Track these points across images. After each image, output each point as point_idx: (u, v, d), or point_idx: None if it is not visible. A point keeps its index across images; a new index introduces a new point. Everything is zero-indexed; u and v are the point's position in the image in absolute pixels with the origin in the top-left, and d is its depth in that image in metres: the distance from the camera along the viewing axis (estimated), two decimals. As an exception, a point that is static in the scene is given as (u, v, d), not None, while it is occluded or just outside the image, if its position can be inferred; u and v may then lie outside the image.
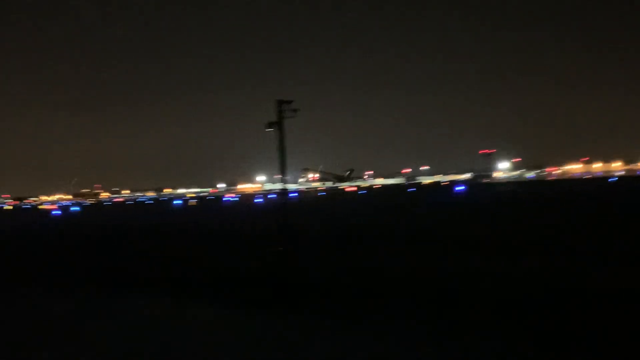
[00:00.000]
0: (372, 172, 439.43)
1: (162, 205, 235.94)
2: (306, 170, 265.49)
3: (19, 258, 54.39)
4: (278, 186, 34.25)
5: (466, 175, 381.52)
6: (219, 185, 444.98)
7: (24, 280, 39.21)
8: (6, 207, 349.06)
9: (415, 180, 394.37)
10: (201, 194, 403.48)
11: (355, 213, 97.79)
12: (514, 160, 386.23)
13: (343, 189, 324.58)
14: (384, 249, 43.41)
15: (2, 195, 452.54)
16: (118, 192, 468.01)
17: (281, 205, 32.57)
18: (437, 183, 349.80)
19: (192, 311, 26.32)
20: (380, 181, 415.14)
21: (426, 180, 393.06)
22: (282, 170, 31.77)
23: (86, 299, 31.17)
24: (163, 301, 28.98)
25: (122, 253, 53.41)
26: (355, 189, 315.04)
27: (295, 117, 30.85)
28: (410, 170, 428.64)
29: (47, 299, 31.91)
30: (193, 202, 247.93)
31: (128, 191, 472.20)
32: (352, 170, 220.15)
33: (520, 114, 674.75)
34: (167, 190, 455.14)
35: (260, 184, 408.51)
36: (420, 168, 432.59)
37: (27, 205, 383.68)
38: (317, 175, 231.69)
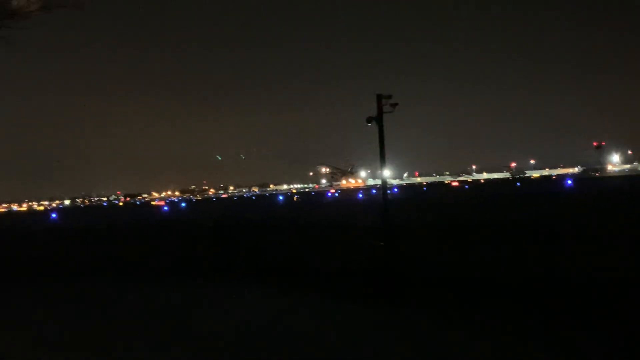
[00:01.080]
0: (475, 167, 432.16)
1: (266, 200, 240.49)
2: (321, 165, 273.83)
3: (132, 251, 56.88)
4: (380, 181, 34.12)
5: (575, 169, 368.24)
6: (322, 181, 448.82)
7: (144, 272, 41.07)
8: (119, 203, 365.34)
9: (522, 174, 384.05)
10: (305, 190, 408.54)
11: (460, 207, 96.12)
12: (627, 152, 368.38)
13: (449, 183, 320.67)
14: (491, 243, 42.53)
15: (117, 192, 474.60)
16: (224, 189, 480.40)
17: (382, 199, 32.43)
18: (546, 177, 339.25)
19: (303, 303, 26.84)
20: (484, 176, 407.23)
21: (534, 174, 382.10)
22: (383, 165, 31.68)
23: (201, 289, 32.43)
24: (270, 292, 29.80)
25: (229, 245, 54.90)
26: (457, 184, 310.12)
27: (394, 112, 30.71)
28: (516, 164, 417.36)
29: (158, 289, 33.36)
30: (296, 197, 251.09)
31: (232, 187, 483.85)
32: (353, 166, 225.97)
33: (633, 105, 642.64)
34: (271, 186, 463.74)
35: (362, 179, 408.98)
36: (527, 162, 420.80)
37: (138, 201, 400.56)
38: (328, 170, 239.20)
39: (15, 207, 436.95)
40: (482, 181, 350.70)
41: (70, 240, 76.28)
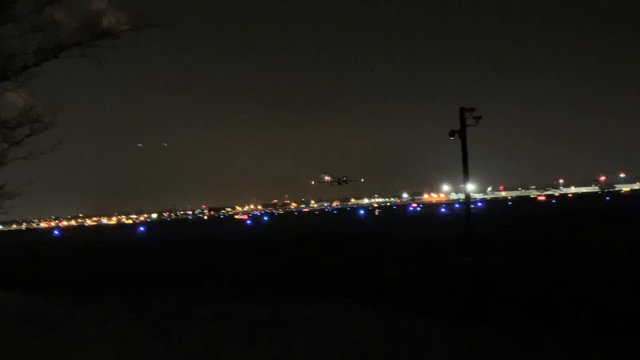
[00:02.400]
0: (562, 181, 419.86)
1: (347, 214, 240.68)
2: (325, 173, 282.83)
3: (217, 265, 57.85)
4: (463, 196, 33.40)
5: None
6: (404, 195, 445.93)
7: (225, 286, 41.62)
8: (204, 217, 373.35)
9: (612, 188, 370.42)
10: (385, 204, 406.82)
11: (545, 222, 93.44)
12: None
13: (535, 198, 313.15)
14: (578, 259, 41.11)
15: (202, 206, 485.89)
16: (305, 202, 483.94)
17: (466, 214, 31.72)
18: (637, 191, 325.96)
19: (392, 319, 26.58)
20: (572, 190, 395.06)
21: (624, 188, 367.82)
22: (466, 180, 31.07)
23: (283, 305, 32.51)
24: (358, 308, 29.65)
25: (310, 260, 55.11)
26: (544, 198, 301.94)
27: (477, 125, 30.14)
28: (605, 178, 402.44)
29: (245, 304, 33.65)
30: (378, 211, 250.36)
31: (314, 201, 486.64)
32: (346, 176, 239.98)
33: None
34: (352, 200, 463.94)
35: (444, 193, 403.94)
36: (617, 175, 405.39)
37: (222, 215, 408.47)
38: (330, 178, 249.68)
39: (105, 220, 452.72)
40: (570, 195, 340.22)
41: (170, 253, 78.38)
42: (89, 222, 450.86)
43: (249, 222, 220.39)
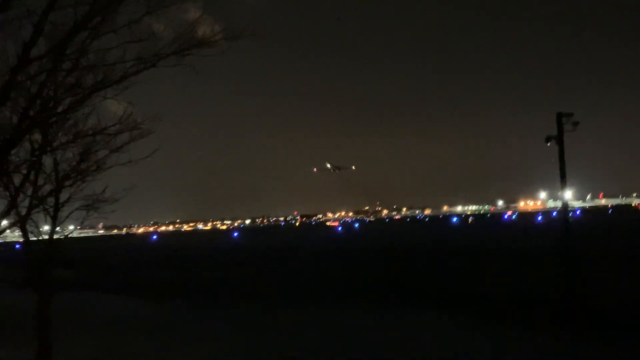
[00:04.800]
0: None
1: (439, 222, 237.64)
2: (328, 162, 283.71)
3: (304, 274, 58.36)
4: (560, 204, 32.10)
5: None
6: (498, 203, 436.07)
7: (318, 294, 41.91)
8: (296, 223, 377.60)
9: None
10: (480, 212, 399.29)
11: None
12: None
13: (637, 206, 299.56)
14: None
15: (294, 213, 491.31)
16: (397, 210, 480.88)
17: (563, 224, 30.74)
18: None
19: (486, 332, 26.13)
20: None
21: None
22: (563, 187, 30.11)
23: (382, 313, 32.49)
24: (452, 319, 29.25)
25: (399, 269, 54.81)
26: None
27: (575, 131, 29.18)
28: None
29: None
30: (471, 219, 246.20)
31: (405, 209, 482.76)
32: (339, 166, 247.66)
33: None
34: (445, 208, 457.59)
35: (541, 201, 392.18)
36: None
37: (313, 221, 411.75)
38: (330, 165, 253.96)
39: (200, 225, 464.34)
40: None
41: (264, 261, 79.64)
42: (185, 227, 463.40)
43: (339, 229, 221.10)
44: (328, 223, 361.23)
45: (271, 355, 23.55)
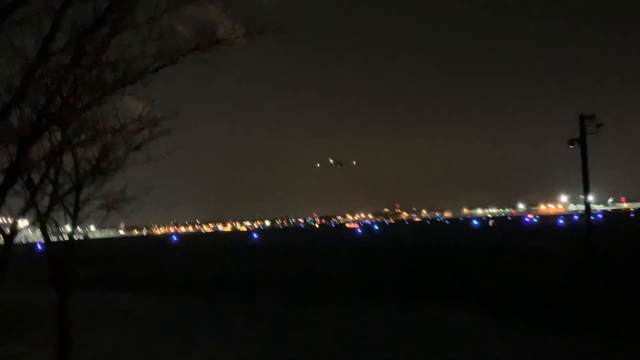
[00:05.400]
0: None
1: (460, 225, 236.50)
2: (330, 157, 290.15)
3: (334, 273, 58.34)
4: (582, 207, 31.92)
5: None
6: (519, 206, 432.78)
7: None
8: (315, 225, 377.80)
9: None
10: (501, 215, 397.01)
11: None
12: None
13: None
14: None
15: (313, 214, 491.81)
16: (417, 212, 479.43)
17: (587, 227, 30.43)
18: None
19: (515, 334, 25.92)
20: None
21: None
22: (586, 190, 29.78)
23: (404, 311, 32.44)
24: (480, 320, 29.06)
25: (421, 269, 54.65)
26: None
27: (598, 133, 28.83)
28: None
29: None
30: (491, 222, 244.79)
31: (425, 211, 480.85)
32: (340, 161, 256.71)
33: None
34: (465, 211, 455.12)
35: (562, 204, 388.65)
36: None
37: (333, 223, 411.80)
38: (333, 160, 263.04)
39: (220, 227, 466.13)
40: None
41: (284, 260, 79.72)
42: (205, 228, 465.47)
43: (359, 230, 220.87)
44: (347, 225, 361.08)
45: (293, 352, 23.58)
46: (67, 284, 18.33)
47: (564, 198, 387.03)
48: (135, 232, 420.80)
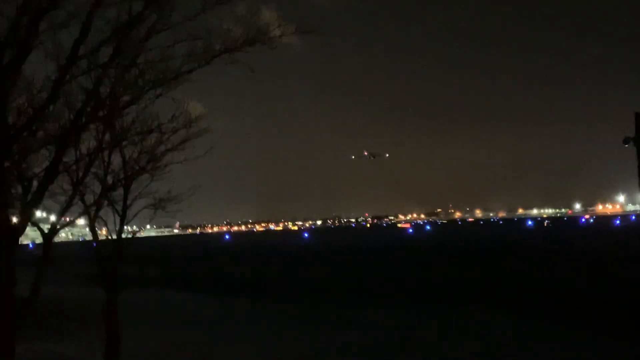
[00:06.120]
0: None
1: (514, 225, 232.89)
2: (365, 149, 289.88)
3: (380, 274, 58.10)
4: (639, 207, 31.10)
5: None
6: (575, 206, 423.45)
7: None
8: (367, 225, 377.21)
9: None
10: (556, 215, 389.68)
11: None
12: None
13: None
14: None
15: (365, 214, 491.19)
16: (469, 212, 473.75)
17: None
18: None
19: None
20: None
21: None
22: (642, 190, 28.91)
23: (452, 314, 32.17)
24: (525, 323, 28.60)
25: (472, 272, 54.00)
26: None
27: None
28: None
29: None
30: (547, 222, 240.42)
31: (479, 211, 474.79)
32: (374, 153, 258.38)
33: None
34: (520, 211, 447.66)
35: (620, 204, 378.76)
36: None
37: (384, 223, 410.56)
38: (367, 152, 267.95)
39: (272, 226, 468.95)
40: None
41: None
42: (257, 227, 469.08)
43: (410, 230, 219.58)
44: (399, 225, 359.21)
45: (343, 355, 23.59)
46: (115, 283, 18.61)
47: (621, 198, 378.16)
48: (189, 230, 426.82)
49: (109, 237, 18.91)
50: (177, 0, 10.15)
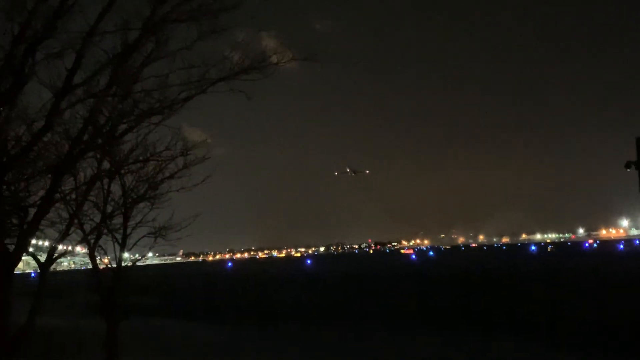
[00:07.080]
0: None
1: (518, 251, 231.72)
2: (347, 166, 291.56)
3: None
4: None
5: None
6: (579, 231, 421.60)
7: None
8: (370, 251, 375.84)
9: None
10: (560, 240, 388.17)
11: None
12: None
13: None
14: None
15: (368, 240, 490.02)
16: (473, 237, 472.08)
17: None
18: None
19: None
20: None
21: None
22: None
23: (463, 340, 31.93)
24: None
25: (482, 296, 53.80)
26: None
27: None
28: None
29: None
30: (550, 247, 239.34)
31: (482, 237, 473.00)
32: (355, 169, 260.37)
33: None
34: (523, 236, 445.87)
35: (623, 229, 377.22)
36: None
37: (387, 249, 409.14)
38: (349, 169, 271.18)
39: (275, 253, 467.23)
40: None
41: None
42: (260, 254, 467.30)
43: (413, 257, 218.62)
44: (402, 251, 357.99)
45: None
46: (116, 312, 18.47)
47: (624, 222, 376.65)
48: (192, 258, 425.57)
49: (109, 266, 18.82)
50: (173, 29, 10.23)
